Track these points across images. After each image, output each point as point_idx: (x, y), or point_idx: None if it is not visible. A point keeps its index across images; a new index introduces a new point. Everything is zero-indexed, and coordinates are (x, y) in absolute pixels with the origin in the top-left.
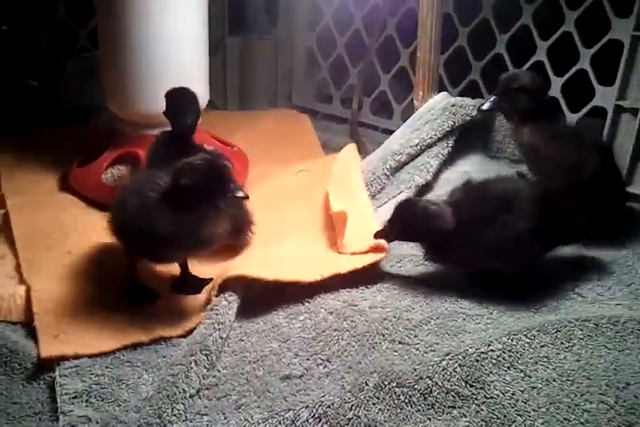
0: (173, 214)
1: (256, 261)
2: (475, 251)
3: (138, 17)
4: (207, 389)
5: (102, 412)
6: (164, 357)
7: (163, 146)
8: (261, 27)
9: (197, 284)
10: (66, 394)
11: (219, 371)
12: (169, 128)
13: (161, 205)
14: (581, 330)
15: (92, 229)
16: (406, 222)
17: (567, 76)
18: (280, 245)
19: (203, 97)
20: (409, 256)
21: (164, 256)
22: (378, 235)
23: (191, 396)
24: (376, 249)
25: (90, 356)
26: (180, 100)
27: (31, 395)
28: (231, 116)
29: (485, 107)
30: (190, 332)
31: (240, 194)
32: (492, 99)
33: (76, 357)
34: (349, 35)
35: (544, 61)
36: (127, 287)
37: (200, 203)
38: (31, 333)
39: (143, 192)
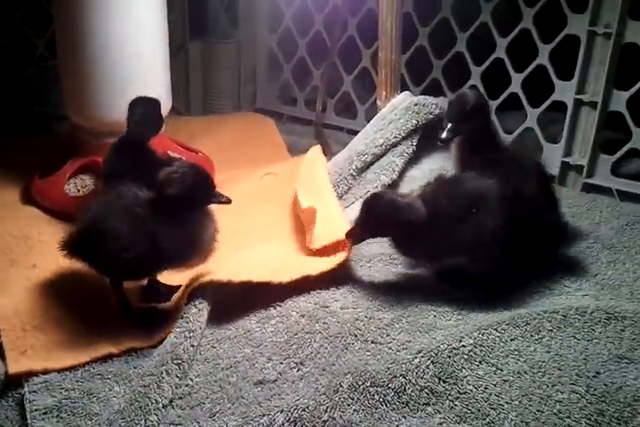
0: (168, 228)
1: (225, 266)
2: (444, 246)
3: (96, 23)
4: (180, 398)
5: (74, 426)
6: (135, 368)
7: (118, 153)
8: (222, 30)
9: (166, 292)
10: (36, 410)
11: (191, 380)
12: None
13: (154, 221)
14: (550, 322)
15: (56, 242)
16: (376, 216)
17: (527, 71)
18: (249, 250)
19: (165, 103)
20: (378, 256)
21: (151, 272)
22: (349, 234)
23: (164, 406)
24: (343, 245)
25: (59, 370)
26: (136, 106)
27: (0, 413)
28: (195, 121)
29: (444, 136)
30: (161, 341)
31: (223, 199)
32: (449, 126)
33: (45, 372)
34: (311, 36)
35: (504, 58)
36: (129, 312)
37: (189, 212)
38: None
39: (129, 210)
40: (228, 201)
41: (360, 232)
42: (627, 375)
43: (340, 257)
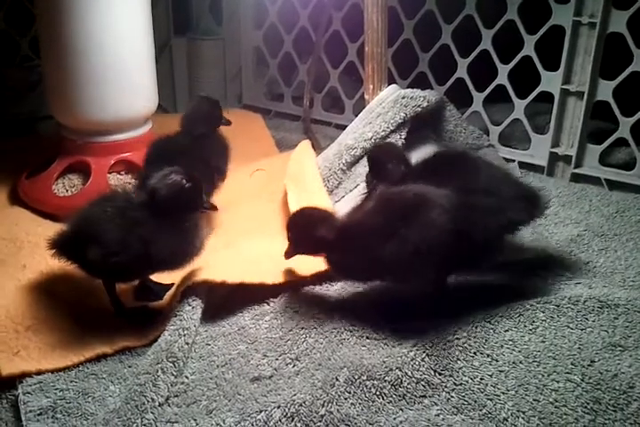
0: (158, 233)
1: (218, 265)
2: (365, 266)
3: (79, 22)
4: (176, 396)
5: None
6: (130, 367)
7: (164, 145)
8: (206, 27)
9: (159, 290)
10: (30, 411)
11: (187, 377)
12: (117, 135)
13: (144, 225)
14: (543, 312)
15: (45, 242)
16: (294, 233)
17: (513, 63)
18: (240, 247)
19: (151, 101)
20: None
21: (139, 276)
22: (285, 251)
23: (160, 404)
24: None
25: (53, 371)
26: (192, 104)
27: None
28: None
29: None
30: (155, 340)
31: (210, 206)
32: (373, 182)
33: (39, 373)
34: (296, 32)
35: (489, 50)
36: (122, 312)
37: (180, 217)
38: None
39: (120, 214)
40: (215, 209)
41: (290, 248)
42: (621, 363)
43: None
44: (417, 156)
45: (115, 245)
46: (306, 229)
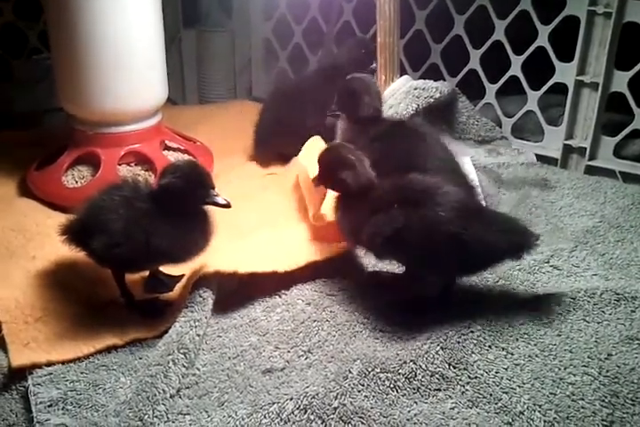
0: (163, 225)
1: (229, 255)
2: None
3: (88, 13)
4: (187, 388)
5: (80, 418)
6: (141, 358)
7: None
8: (216, 19)
9: (169, 282)
10: (41, 403)
11: (198, 369)
12: (127, 126)
13: (150, 216)
14: (559, 305)
15: (54, 233)
16: (322, 166)
17: (526, 54)
18: (252, 238)
19: (161, 92)
20: None
21: (143, 268)
22: (314, 178)
23: (171, 396)
24: None
25: (63, 362)
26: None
27: (4, 406)
28: (191, 110)
29: None
30: (165, 332)
31: (221, 201)
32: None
33: (49, 364)
34: (306, 23)
35: (502, 41)
36: (133, 303)
37: (186, 209)
38: (0, 342)
39: (126, 204)
40: (228, 205)
41: (316, 178)
42: (639, 356)
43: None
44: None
45: (117, 236)
46: (330, 167)
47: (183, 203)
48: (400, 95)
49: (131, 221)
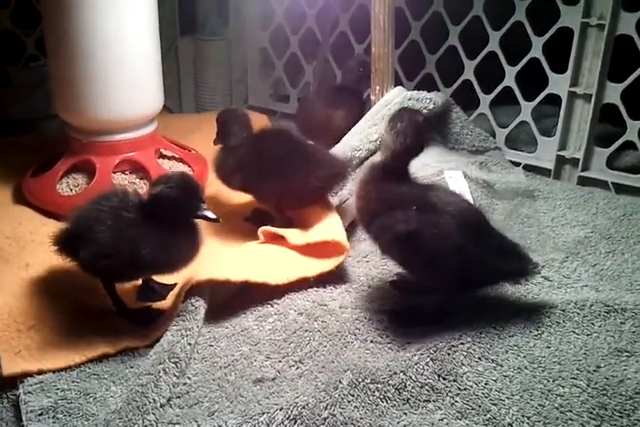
0: (152, 236)
1: (221, 264)
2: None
3: (85, 21)
4: (178, 397)
5: None
6: (132, 367)
7: None
8: (213, 27)
9: (161, 290)
10: (31, 411)
11: (189, 378)
12: (122, 134)
13: (139, 227)
14: (549, 317)
15: (48, 241)
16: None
17: (520, 65)
18: (245, 247)
19: (157, 101)
20: (375, 251)
21: (131, 279)
22: None
23: (162, 405)
24: (339, 247)
25: (54, 371)
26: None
27: None
28: (187, 118)
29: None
30: (157, 341)
31: (211, 215)
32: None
33: (40, 372)
34: (302, 32)
35: (497, 51)
36: (124, 312)
37: (175, 220)
38: None
39: (115, 215)
40: (217, 220)
41: None
42: (627, 369)
43: (337, 259)
44: (422, 158)
45: (105, 247)
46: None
47: (173, 213)
48: (394, 106)
49: (119, 231)
